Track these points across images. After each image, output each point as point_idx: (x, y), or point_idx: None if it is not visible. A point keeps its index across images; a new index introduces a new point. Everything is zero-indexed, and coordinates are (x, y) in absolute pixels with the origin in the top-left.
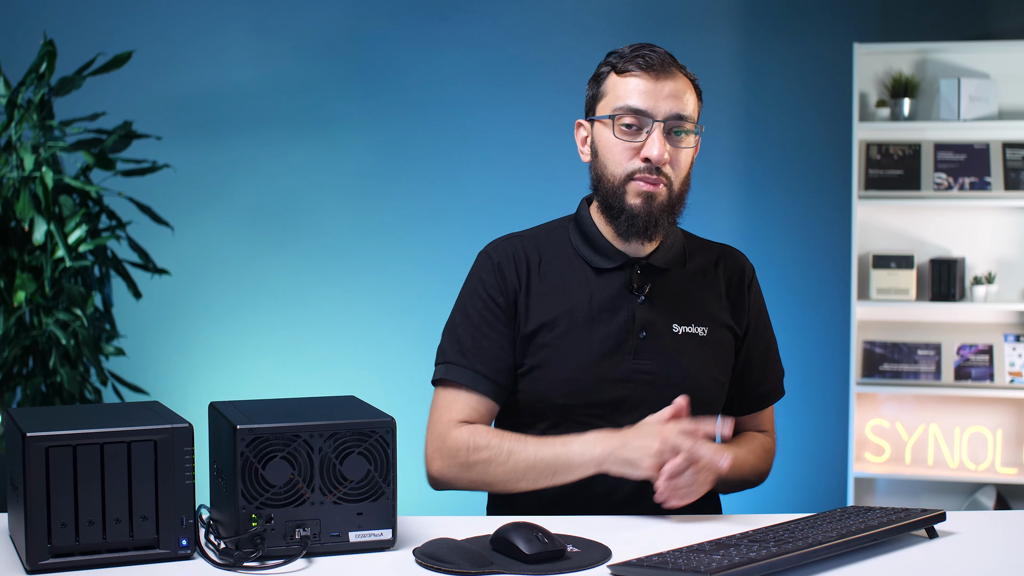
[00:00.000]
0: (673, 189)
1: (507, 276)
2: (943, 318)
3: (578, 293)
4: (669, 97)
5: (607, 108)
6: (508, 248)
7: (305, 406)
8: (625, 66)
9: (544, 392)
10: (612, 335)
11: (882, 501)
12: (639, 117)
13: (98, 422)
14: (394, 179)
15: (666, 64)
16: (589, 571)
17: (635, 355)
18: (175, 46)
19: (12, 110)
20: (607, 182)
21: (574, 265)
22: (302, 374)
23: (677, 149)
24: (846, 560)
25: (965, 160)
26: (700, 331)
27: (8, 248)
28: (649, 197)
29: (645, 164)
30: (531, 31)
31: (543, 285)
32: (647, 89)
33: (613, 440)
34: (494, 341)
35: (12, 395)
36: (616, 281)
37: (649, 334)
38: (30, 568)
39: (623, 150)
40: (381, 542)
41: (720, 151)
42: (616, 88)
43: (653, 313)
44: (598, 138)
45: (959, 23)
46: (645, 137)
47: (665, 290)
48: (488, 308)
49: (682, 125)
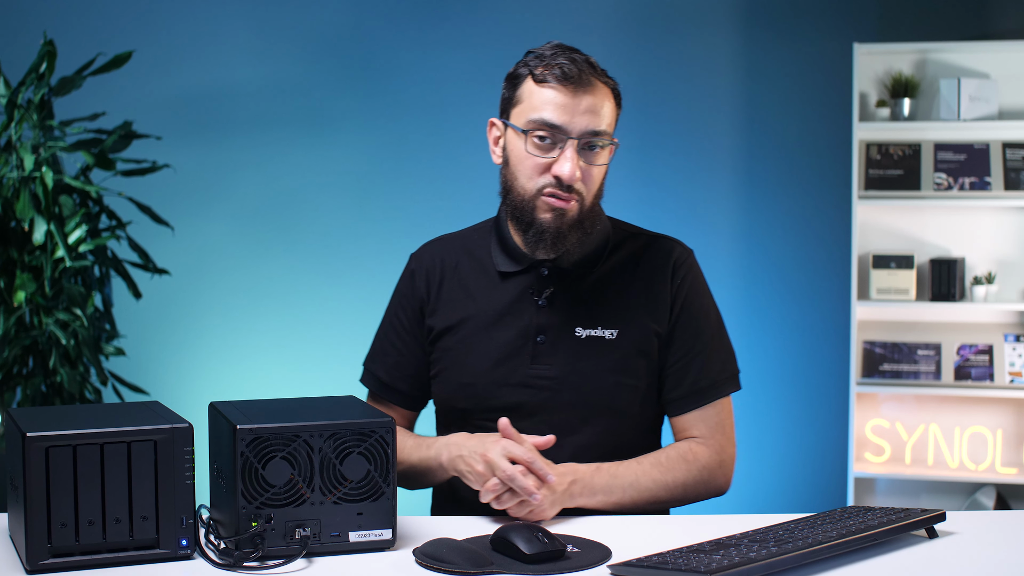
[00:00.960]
0: (584, 204)
1: (417, 283)
2: (943, 318)
3: (483, 297)
4: (586, 112)
5: (521, 117)
6: (426, 253)
7: (305, 406)
8: (543, 75)
9: (447, 396)
10: (511, 340)
11: (882, 501)
12: (553, 132)
13: (98, 422)
14: (394, 179)
15: (585, 75)
16: (589, 571)
17: (532, 360)
18: (175, 46)
19: (12, 110)
20: (517, 194)
21: (486, 268)
22: (302, 374)
23: (590, 166)
24: (846, 560)
25: (965, 160)
26: (608, 334)
27: (8, 248)
28: (559, 214)
29: (556, 181)
30: (531, 31)
31: (455, 289)
32: (563, 103)
33: (459, 448)
34: (397, 348)
35: (12, 395)
36: (520, 285)
37: (548, 339)
38: (30, 568)
39: (534, 165)
40: (381, 542)
41: (720, 151)
42: (532, 97)
43: (554, 317)
44: (510, 146)
45: (959, 23)
46: (558, 153)
47: (572, 293)
48: (396, 316)
49: (597, 140)
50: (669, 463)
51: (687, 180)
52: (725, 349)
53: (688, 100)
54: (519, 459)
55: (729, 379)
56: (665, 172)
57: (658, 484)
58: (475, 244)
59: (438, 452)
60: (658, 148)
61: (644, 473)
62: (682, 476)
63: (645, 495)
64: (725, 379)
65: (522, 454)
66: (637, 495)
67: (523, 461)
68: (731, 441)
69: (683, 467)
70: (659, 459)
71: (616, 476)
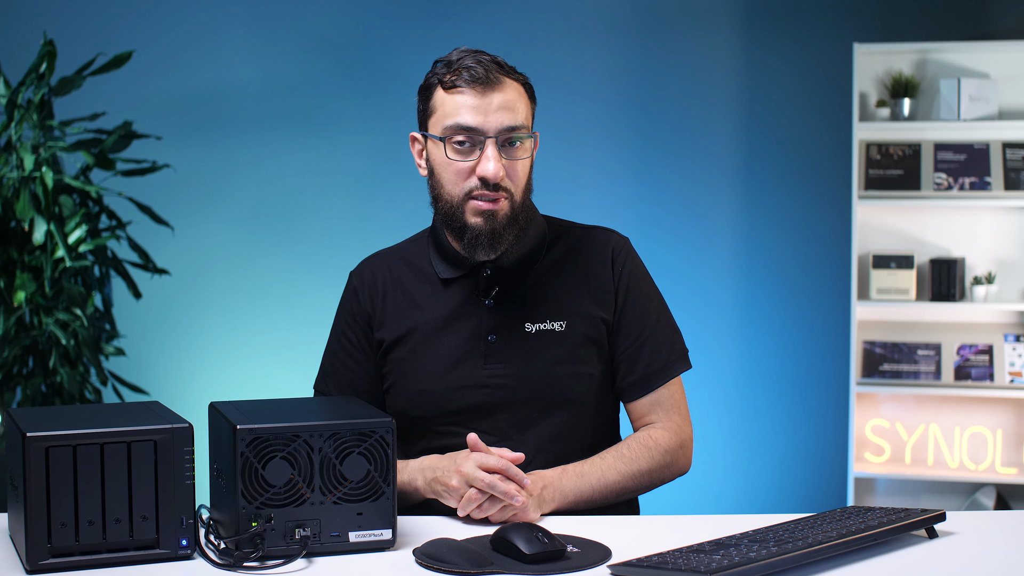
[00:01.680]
0: (515, 200)
1: (361, 299)
2: (943, 318)
3: (428, 305)
4: (499, 110)
5: (437, 126)
6: (367, 269)
7: (305, 406)
8: (451, 81)
9: (403, 407)
10: (462, 343)
11: (882, 501)
12: (470, 134)
13: (98, 422)
14: (394, 179)
15: (493, 74)
16: (589, 571)
17: (486, 360)
18: (175, 46)
19: (12, 110)
20: (445, 201)
21: (428, 277)
22: (302, 374)
23: (513, 161)
24: (846, 560)
25: (965, 160)
26: (556, 326)
27: (8, 248)
28: (490, 215)
29: (481, 182)
30: (531, 31)
31: (399, 300)
32: (475, 104)
33: (433, 470)
34: (348, 367)
35: (12, 395)
36: (465, 288)
37: (499, 337)
38: (30, 568)
39: (457, 170)
40: (381, 542)
41: (720, 151)
42: (444, 105)
43: (502, 316)
44: (432, 156)
45: (959, 23)
46: (479, 154)
47: (516, 290)
48: (344, 334)
49: (516, 135)
50: (631, 453)
51: (687, 180)
52: (672, 330)
53: (688, 100)
54: (494, 468)
55: (679, 359)
56: (665, 172)
57: (624, 476)
58: (413, 254)
59: (412, 476)
60: (658, 148)
61: (609, 467)
62: (646, 464)
63: (614, 488)
64: (675, 359)
65: (496, 463)
66: (606, 490)
67: (498, 469)
68: (687, 420)
69: (646, 455)
70: (621, 451)
71: (582, 475)
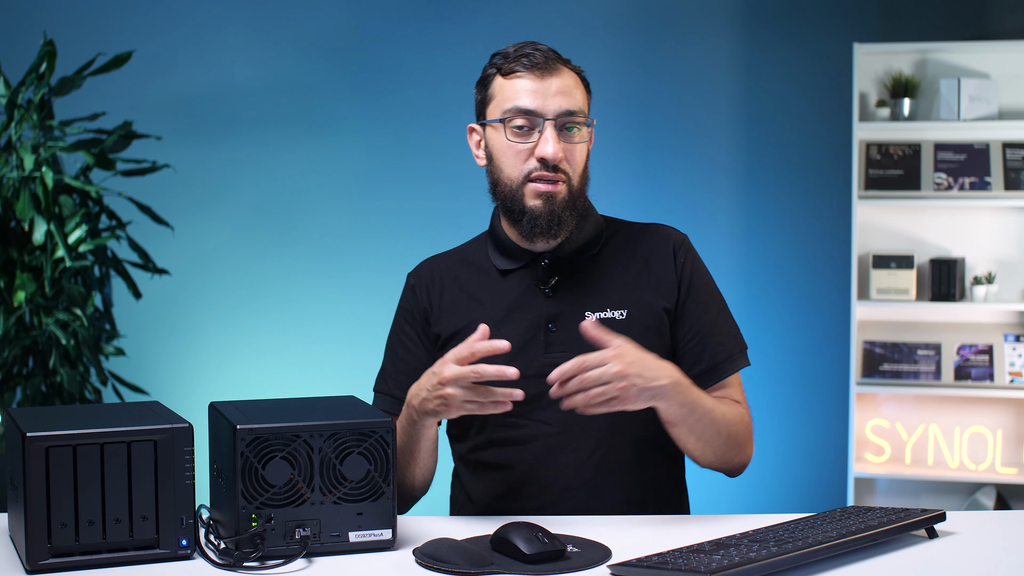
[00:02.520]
0: (572, 184)
1: (418, 296)
2: (943, 318)
3: (487, 298)
4: (557, 94)
5: (496, 111)
6: (424, 268)
7: (305, 406)
8: (510, 67)
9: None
10: (522, 333)
11: (882, 501)
12: (529, 117)
13: (98, 422)
14: (394, 179)
15: (551, 61)
16: (589, 571)
17: (546, 349)
18: (175, 46)
19: (12, 110)
20: (504, 186)
21: (487, 271)
22: (302, 374)
23: (571, 145)
24: (846, 560)
25: (965, 160)
26: (618, 314)
27: (8, 248)
28: (549, 197)
29: (540, 164)
30: (531, 31)
31: (457, 296)
32: (534, 88)
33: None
34: (407, 363)
35: (12, 395)
36: (524, 279)
37: (559, 326)
38: (30, 568)
39: (517, 152)
40: (381, 542)
41: (720, 151)
42: (503, 90)
43: (562, 304)
44: (491, 142)
45: (959, 23)
46: (537, 137)
47: (575, 279)
48: (403, 331)
49: (573, 120)
50: (729, 408)
51: (687, 180)
52: (734, 324)
53: (688, 100)
54: (462, 355)
55: (741, 352)
56: (665, 172)
57: (724, 422)
58: (471, 254)
59: (408, 412)
60: (658, 148)
61: (717, 406)
62: (736, 425)
63: (710, 430)
64: (739, 352)
65: (462, 348)
66: (710, 424)
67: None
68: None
69: (737, 416)
70: (725, 402)
71: (701, 398)
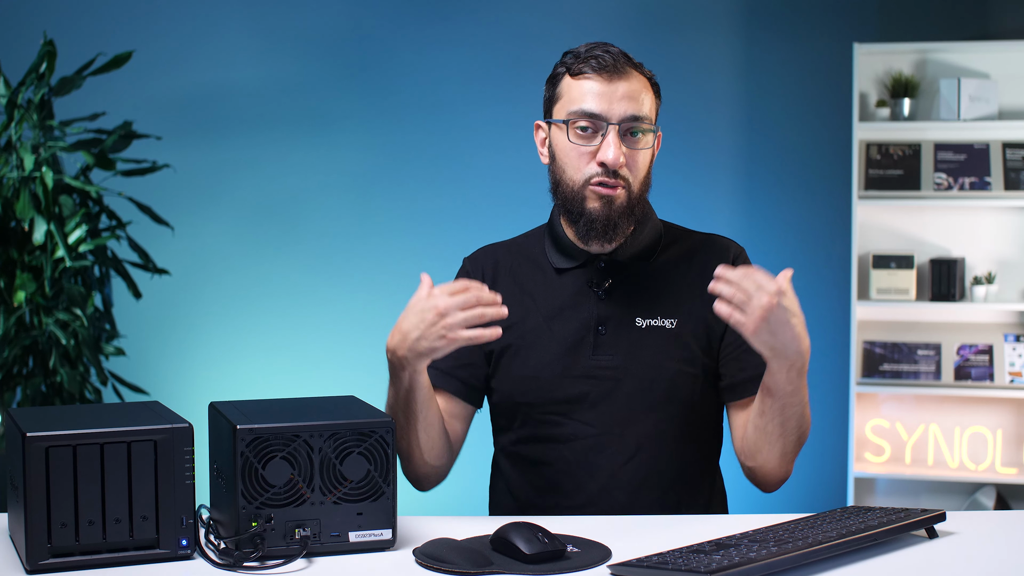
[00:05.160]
0: (632, 191)
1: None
2: (943, 318)
3: (540, 293)
4: (624, 98)
5: (562, 111)
6: (480, 255)
7: (305, 406)
8: (579, 68)
9: (508, 391)
10: (572, 332)
11: (882, 501)
12: (594, 120)
13: (98, 422)
14: (394, 179)
15: (620, 64)
16: (589, 571)
17: (594, 351)
18: (175, 46)
19: (12, 110)
20: (565, 186)
21: (542, 267)
22: (302, 374)
23: (634, 151)
24: (846, 560)
25: (965, 160)
26: (668, 323)
27: (8, 248)
28: (608, 201)
29: (602, 168)
30: (530, 31)
31: (510, 288)
32: (601, 91)
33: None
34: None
35: (12, 395)
36: (579, 279)
37: (609, 329)
38: (30, 568)
39: (579, 155)
40: (381, 542)
41: (720, 151)
42: (570, 91)
43: (614, 308)
44: (555, 141)
45: (959, 23)
46: (600, 140)
47: (629, 284)
48: None
49: (638, 126)
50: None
51: (687, 180)
52: None
53: (688, 100)
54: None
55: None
56: (665, 172)
57: (806, 421)
58: (528, 247)
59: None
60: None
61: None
62: (807, 431)
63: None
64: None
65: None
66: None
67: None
68: None
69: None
70: None
71: (806, 387)
